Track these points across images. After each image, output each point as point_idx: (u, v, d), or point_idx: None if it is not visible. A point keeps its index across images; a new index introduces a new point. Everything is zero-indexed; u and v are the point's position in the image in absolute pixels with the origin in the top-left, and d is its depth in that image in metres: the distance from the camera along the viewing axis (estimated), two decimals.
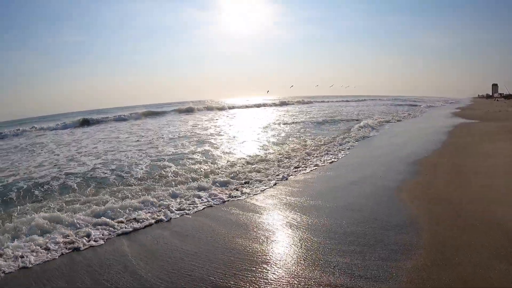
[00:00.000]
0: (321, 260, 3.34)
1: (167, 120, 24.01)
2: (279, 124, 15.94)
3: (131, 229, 4.42)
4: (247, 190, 5.88)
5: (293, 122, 16.41)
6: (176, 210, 5.05)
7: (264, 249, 3.69)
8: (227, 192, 5.81)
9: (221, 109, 33.18)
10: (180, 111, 30.57)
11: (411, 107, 31.40)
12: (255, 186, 6.14)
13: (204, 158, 8.76)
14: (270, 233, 4.12)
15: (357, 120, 17.24)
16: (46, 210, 5.24)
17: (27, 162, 9.85)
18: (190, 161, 8.50)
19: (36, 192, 6.44)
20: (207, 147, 10.31)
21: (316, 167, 7.45)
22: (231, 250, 3.70)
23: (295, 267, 3.26)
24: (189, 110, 30.91)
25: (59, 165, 8.90)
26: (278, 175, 6.76)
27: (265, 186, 6.14)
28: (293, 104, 41.05)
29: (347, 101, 51.30)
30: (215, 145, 10.70)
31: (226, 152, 9.54)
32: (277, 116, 21.76)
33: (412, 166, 7.01)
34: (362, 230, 3.98)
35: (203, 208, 5.15)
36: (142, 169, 7.84)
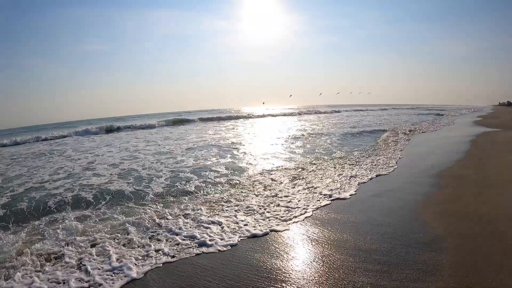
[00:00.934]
0: (345, 280, 3.13)
1: (187, 129, 24.16)
2: (302, 134, 15.47)
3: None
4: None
5: (316, 133, 15.88)
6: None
7: (283, 266, 3.48)
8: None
9: (240, 117, 33.16)
10: (200, 120, 30.79)
11: (434, 116, 30.51)
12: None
13: (228, 171, 8.17)
14: (289, 248, 3.92)
15: (382, 130, 16.44)
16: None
17: (43, 170, 9.72)
18: (213, 173, 7.94)
19: (48, 204, 6.10)
20: (229, 159, 9.76)
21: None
22: (248, 266, 3.53)
23: (317, 287, 3.08)
24: (209, 119, 31.08)
25: (74, 174, 8.66)
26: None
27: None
28: (311, 113, 40.37)
29: (367, 110, 50.14)
30: (237, 157, 10.12)
31: (251, 164, 8.89)
32: (298, 125, 21.30)
33: (436, 179, 6.68)
34: (387, 247, 3.74)
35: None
36: (161, 182, 7.33)
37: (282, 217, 4.89)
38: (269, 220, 4.80)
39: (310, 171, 7.67)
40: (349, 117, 31.20)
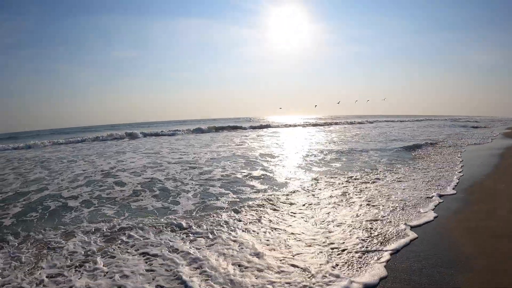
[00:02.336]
0: None
1: (211, 137, 23.46)
2: (332, 146, 14.07)
3: None
4: None
5: (347, 145, 14.50)
6: None
7: None
8: None
9: (267, 126, 32.19)
10: (225, 128, 29.95)
11: (467, 128, 28.32)
12: None
13: (264, 186, 7.14)
14: None
15: (419, 145, 13.80)
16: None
17: (62, 175, 9.19)
18: (247, 189, 6.98)
19: (61, 215, 5.44)
20: (260, 171, 8.80)
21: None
22: None
23: None
24: (234, 128, 30.22)
25: (94, 182, 8.01)
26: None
27: None
28: (339, 124, 38.67)
29: (393, 121, 47.45)
30: (269, 169, 9.11)
31: (288, 178, 7.79)
32: (326, 136, 19.78)
33: (465, 193, 6.06)
34: (417, 267, 3.33)
35: None
36: (190, 198, 6.41)
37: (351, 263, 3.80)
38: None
39: (358, 191, 6.52)
40: (375, 128, 29.34)
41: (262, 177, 8.13)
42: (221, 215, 5.22)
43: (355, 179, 7.72)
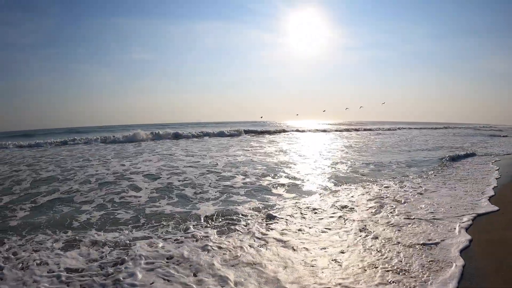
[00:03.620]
0: None
1: (227, 140, 22.92)
2: (359, 155, 13.41)
3: None
4: None
5: (374, 155, 13.70)
6: None
7: None
8: None
9: (283, 131, 31.35)
10: (240, 132, 28.94)
11: (493, 137, 26.79)
12: None
13: (290, 195, 6.42)
14: None
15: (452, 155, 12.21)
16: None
17: (76, 175, 8.81)
18: (274, 198, 6.27)
19: (71, 223, 4.83)
20: (284, 179, 8.08)
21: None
22: None
23: None
24: (247, 131, 29.36)
25: (105, 184, 7.57)
26: None
27: None
28: (359, 130, 37.45)
29: (410, 128, 44.96)
30: (291, 176, 8.42)
31: (316, 187, 7.02)
32: (344, 142, 18.96)
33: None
34: None
35: None
36: (209, 206, 5.76)
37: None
38: None
39: (394, 201, 5.74)
40: (393, 134, 28.05)
41: (288, 184, 7.45)
42: (250, 226, 4.55)
43: (386, 186, 7.00)
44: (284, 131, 31.26)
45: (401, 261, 3.48)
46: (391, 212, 5.27)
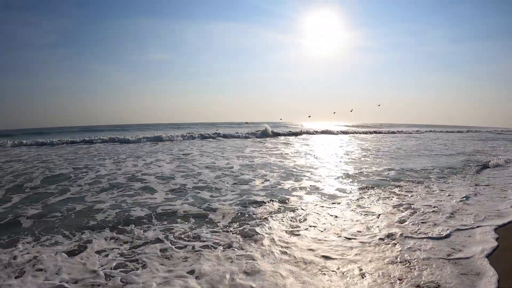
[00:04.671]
0: None
1: (241, 141, 22.59)
2: (369, 157, 12.75)
3: None
4: None
5: (394, 159, 13.02)
6: None
7: None
8: None
9: (299, 133, 30.60)
10: (256, 134, 28.12)
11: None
12: None
13: (317, 202, 5.89)
14: None
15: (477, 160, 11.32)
16: None
17: (88, 174, 8.62)
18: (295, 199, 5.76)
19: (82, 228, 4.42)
20: (306, 182, 7.59)
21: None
22: None
23: None
24: (265, 134, 28.47)
25: (117, 186, 7.22)
26: None
27: None
28: (375, 133, 36.22)
29: (439, 131, 41.87)
30: (312, 179, 7.91)
31: (342, 192, 6.47)
32: (361, 145, 18.25)
33: None
34: None
35: None
36: (226, 212, 5.30)
37: None
38: None
39: (419, 210, 5.19)
40: (408, 138, 26.75)
41: (309, 188, 6.98)
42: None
43: (407, 191, 6.48)
44: (300, 133, 30.51)
45: (432, 273, 3.15)
46: (421, 219, 4.81)
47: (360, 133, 34.92)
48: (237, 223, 4.73)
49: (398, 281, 3.00)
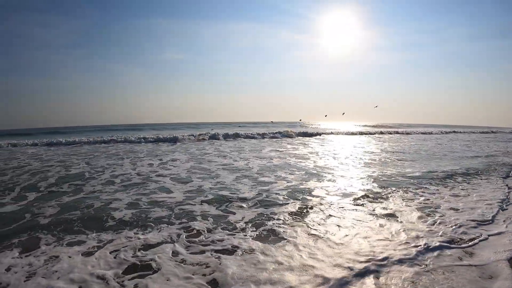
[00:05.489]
0: None
1: (259, 141, 22.26)
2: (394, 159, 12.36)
3: None
4: None
5: (415, 160, 12.56)
6: None
7: None
8: None
9: (316, 134, 30.08)
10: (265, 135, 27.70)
11: None
12: None
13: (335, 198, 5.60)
14: None
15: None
16: None
17: (103, 174, 8.53)
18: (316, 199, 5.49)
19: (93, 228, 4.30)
20: (327, 182, 7.32)
21: None
22: None
23: None
24: (280, 135, 27.98)
25: (132, 186, 7.09)
26: None
27: None
28: (390, 133, 35.41)
29: (457, 132, 40.72)
30: (337, 181, 7.59)
31: (367, 196, 6.12)
32: (382, 146, 17.73)
33: None
34: None
35: None
36: (246, 213, 5.11)
37: None
38: None
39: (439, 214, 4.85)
40: (429, 138, 25.83)
41: (330, 189, 6.71)
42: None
43: (431, 193, 6.09)
44: (317, 134, 29.97)
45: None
46: (447, 223, 4.52)
47: (376, 134, 34.19)
48: (258, 225, 4.53)
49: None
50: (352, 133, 33.07)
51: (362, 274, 3.11)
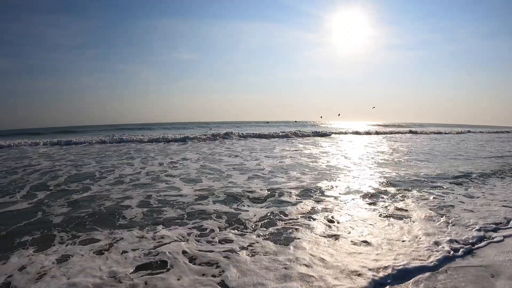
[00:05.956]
0: None
1: (271, 141, 22.14)
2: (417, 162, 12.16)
3: None
4: None
5: (430, 160, 12.28)
6: None
7: None
8: None
9: (326, 135, 29.74)
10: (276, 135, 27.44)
11: None
12: None
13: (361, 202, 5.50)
14: None
15: None
16: None
17: (112, 173, 8.51)
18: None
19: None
20: (339, 183, 7.20)
21: None
22: None
23: None
24: (284, 135, 27.87)
25: (143, 185, 7.08)
26: None
27: None
28: (405, 133, 34.75)
29: (480, 132, 39.34)
30: (349, 181, 7.48)
31: (383, 197, 6.00)
32: (396, 145, 17.40)
33: None
34: None
35: None
36: (258, 212, 5.02)
37: None
38: None
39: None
40: (441, 138, 25.22)
41: (343, 189, 6.59)
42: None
43: (445, 193, 5.91)
44: (329, 133, 29.61)
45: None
46: (463, 225, 4.38)
47: (388, 133, 33.77)
48: (269, 224, 4.45)
49: None
50: (367, 133, 32.65)
51: (379, 282, 3.00)
